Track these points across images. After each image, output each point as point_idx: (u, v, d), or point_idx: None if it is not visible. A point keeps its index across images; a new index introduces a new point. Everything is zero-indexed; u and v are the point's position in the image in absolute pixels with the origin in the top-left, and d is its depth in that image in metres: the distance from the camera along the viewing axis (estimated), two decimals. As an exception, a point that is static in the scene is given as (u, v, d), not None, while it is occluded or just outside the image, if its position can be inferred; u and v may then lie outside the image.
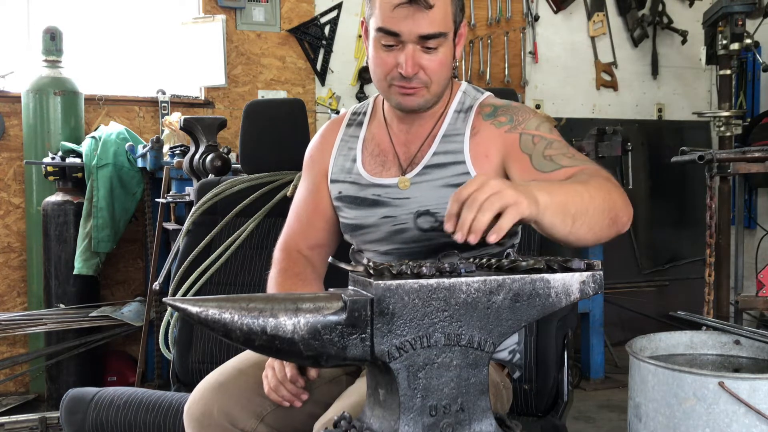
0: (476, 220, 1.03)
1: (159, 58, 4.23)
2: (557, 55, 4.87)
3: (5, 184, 3.92)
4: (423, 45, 1.36)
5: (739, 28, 3.59)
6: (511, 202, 1.04)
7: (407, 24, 1.33)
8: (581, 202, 1.16)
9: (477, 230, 1.03)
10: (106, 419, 1.83)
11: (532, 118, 1.45)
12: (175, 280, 2.14)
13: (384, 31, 1.35)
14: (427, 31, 1.34)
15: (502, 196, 1.04)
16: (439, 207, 1.44)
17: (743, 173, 3.02)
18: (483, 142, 1.45)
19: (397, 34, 1.35)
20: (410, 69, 1.36)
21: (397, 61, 1.37)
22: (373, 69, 1.43)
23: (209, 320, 0.96)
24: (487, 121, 1.47)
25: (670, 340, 2.08)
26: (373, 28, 1.38)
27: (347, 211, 1.54)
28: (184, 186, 3.41)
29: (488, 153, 1.44)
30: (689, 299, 4.23)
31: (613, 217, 1.22)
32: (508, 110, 1.48)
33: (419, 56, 1.36)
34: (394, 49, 1.37)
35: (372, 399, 1.07)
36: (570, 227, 1.15)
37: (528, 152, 1.39)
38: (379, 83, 1.44)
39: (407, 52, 1.35)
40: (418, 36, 1.35)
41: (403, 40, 1.35)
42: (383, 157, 1.52)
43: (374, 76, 1.45)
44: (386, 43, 1.37)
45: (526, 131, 1.42)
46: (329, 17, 4.44)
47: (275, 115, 2.29)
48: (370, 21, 1.40)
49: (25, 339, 3.85)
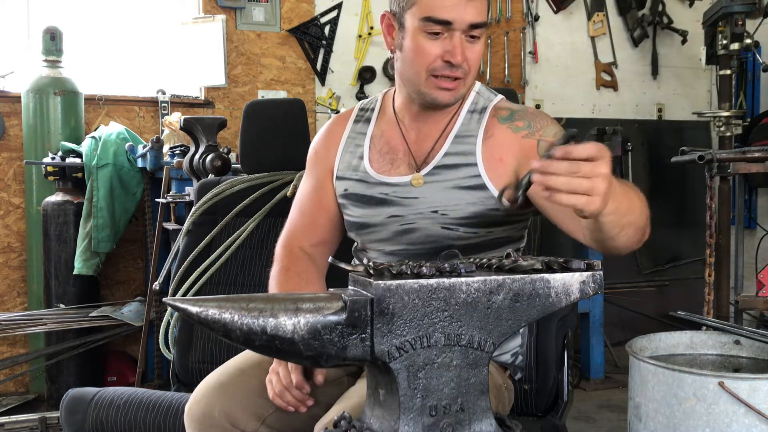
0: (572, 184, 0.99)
1: (159, 58, 4.23)
2: (557, 55, 4.87)
3: (5, 184, 3.92)
4: (469, 34, 1.36)
5: (739, 28, 3.59)
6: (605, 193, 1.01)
7: (459, 11, 1.33)
8: (633, 216, 1.17)
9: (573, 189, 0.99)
10: (106, 419, 1.83)
11: (550, 125, 1.44)
12: (175, 280, 2.14)
13: (433, 20, 1.34)
14: (476, 20, 1.35)
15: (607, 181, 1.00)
16: (448, 209, 1.43)
17: (743, 173, 3.02)
18: (498, 146, 1.44)
19: (449, 23, 1.34)
20: (460, 56, 1.36)
21: (444, 49, 1.36)
22: (412, 59, 1.40)
23: (209, 320, 0.96)
24: (504, 125, 1.46)
25: (670, 340, 2.09)
26: (416, 18, 1.36)
27: (353, 209, 1.53)
28: (184, 186, 3.41)
29: (503, 157, 1.43)
30: (689, 299, 4.22)
31: (643, 234, 1.23)
32: (525, 115, 1.47)
33: (465, 45, 1.36)
34: (439, 38, 1.36)
35: (372, 399, 1.07)
36: (615, 235, 1.15)
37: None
38: (417, 75, 1.41)
39: (457, 40, 1.35)
40: (469, 24, 1.35)
41: (453, 29, 1.35)
42: (392, 155, 1.51)
43: (411, 68, 1.41)
44: (432, 31, 1.35)
45: (544, 138, 1.41)
46: (329, 17, 4.44)
47: (275, 115, 2.29)
48: (406, 12, 1.38)
49: (25, 339, 3.85)
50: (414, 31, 1.37)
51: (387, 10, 1.45)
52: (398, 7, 1.41)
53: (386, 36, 1.47)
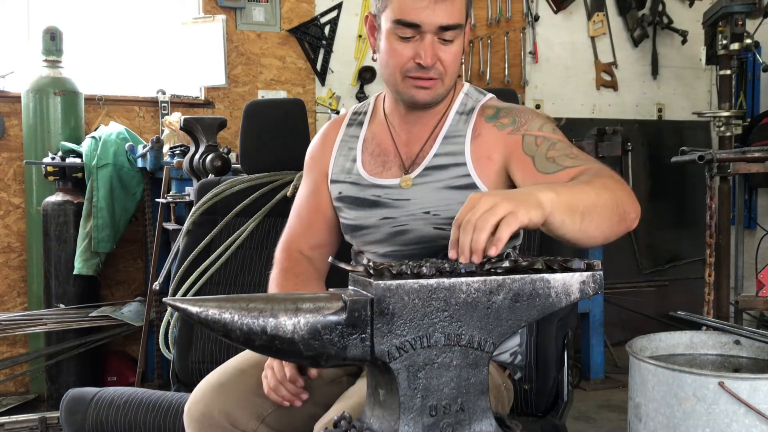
0: (473, 241, 1.03)
1: (159, 58, 4.23)
2: (557, 55, 4.87)
3: (5, 184, 3.92)
4: (441, 36, 1.36)
5: (739, 28, 3.59)
6: (505, 214, 1.04)
7: (427, 14, 1.33)
8: (587, 199, 1.16)
9: (476, 250, 1.03)
10: (106, 419, 1.83)
11: (535, 119, 1.44)
12: (175, 280, 2.14)
13: (403, 23, 1.35)
14: (446, 22, 1.35)
15: (494, 211, 1.04)
16: (440, 209, 1.44)
17: (743, 173, 3.02)
18: (485, 144, 1.45)
19: (418, 25, 1.34)
20: (430, 59, 1.36)
21: (416, 52, 1.36)
22: (386, 61, 1.41)
23: (209, 320, 0.96)
24: (490, 123, 1.47)
25: (670, 340, 2.09)
26: (389, 20, 1.37)
27: (347, 212, 1.54)
28: (184, 186, 3.41)
29: (490, 155, 1.44)
30: (689, 299, 4.23)
31: (621, 213, 1.21)
32: (510, 112, 1.48)
33: (437, 47, 1.37)
34: (411, 41, 1.37)
35: (372, 399, 1.07)
36: (579, 225, 1.14)
37: (531, 154, 1.38)
38: (392, 76, 1.42)
39: (426, 42, 1.35)
40: (438, 27, 1.35)
41: (423, 31, 1.35)
42: (384, 157, 1.52)
43: (386, 69, 1.43)
44: (403, 35, 1.36)
45: (528, 132, 1.41)
46: (329, 17, 4.44)
47: (275, 115, 2.29)
48: (381, 15, 1.39)
49: (25, 339, 3.85)
50: (387, 33, 1.39)
51: (370, 12, 1.46)
52: (376, 9, 1.42)
53: (370, 37, 1.48)
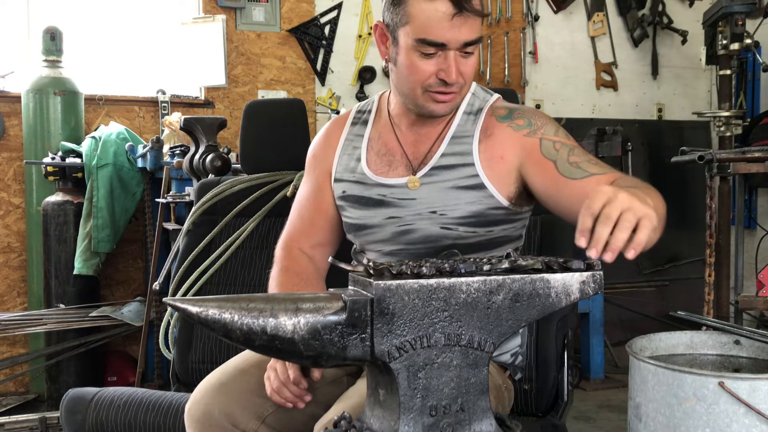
0: (614, 238, 1.00)
1: (159, 58, 4.23)
2: (557, 55, 4.87)
3: (5, 184, 3.92)
4: (463, 51, 1.36)
5: (739, 28, 3.59)
6: (643, 215, 1.02)
7: (453, 33, 1.33)
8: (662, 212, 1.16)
9: (615, 249, 1.00)
10: (106, 419, 1.83)
11: (549, 124, 1.45)
12: (175, 280, 2.14)
13: (427, 42, 1.33)
14: (470, 38, 1.35)
15: (635, 211, 1.02)
16: (447, 209, 1.44)
17: (743, 173, 3.02)
18: (498, 144, 1.45)
19: (443, 45, 1.34)
20: (455, 76, 1.36)
21: (438, 68, 1.36)
22: (407, 76, 1.40)
23: (209, 320, 0.96)
24: (503, 123, 1.47)
25: (670, 340, 2.08)
26: (410, 37, 1.35)
27: (351, 211, 1.53)
28: (184, 186, 3.41)
29: (504, 155, 1.44)
30: (689, 299, 4.22)
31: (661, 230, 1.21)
32: (524, 113, 1.48)
33: (459, 61, 1.36)
34: (434, 57, 1.36)
35: (372, 399, 1.07)
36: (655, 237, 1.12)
37: (552, 158, 1.38)
38: (412, 91, 1.41)
39: (451, 60, 1.35)
40: (463, 43, 1.34)
41: (448, 48, 1.34)
42: (390, 157, 1.51)
43: (406, 84, 1.41)
44: (426, 52, 1.35)
45: (546, 137, 1.42)
46: (329, 17, 4.44)
47: (275, 115, 2.29)
48: (400, 29, 1.37)
49: (25, 339, 3.85)
50: (408, 49, 1.37)
51: (379, 21, 1.44)
52: (392, 21, 1.40)
53: (380, 45, 1.46)
